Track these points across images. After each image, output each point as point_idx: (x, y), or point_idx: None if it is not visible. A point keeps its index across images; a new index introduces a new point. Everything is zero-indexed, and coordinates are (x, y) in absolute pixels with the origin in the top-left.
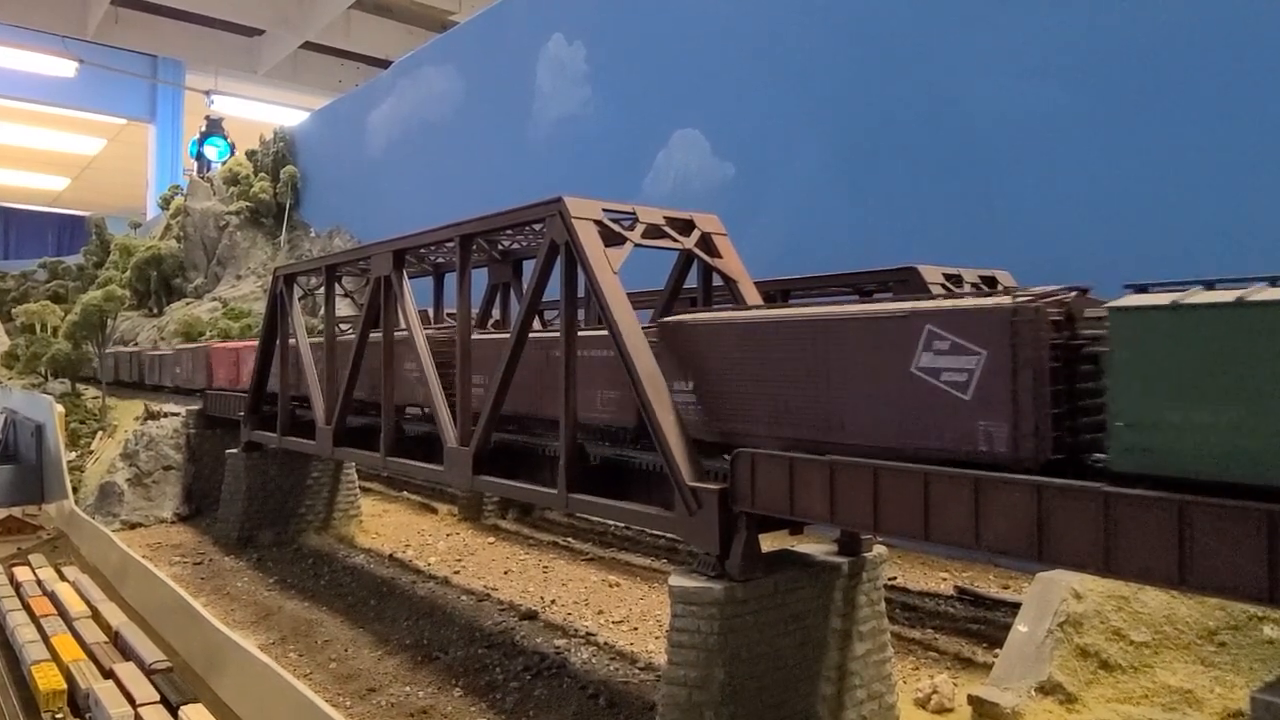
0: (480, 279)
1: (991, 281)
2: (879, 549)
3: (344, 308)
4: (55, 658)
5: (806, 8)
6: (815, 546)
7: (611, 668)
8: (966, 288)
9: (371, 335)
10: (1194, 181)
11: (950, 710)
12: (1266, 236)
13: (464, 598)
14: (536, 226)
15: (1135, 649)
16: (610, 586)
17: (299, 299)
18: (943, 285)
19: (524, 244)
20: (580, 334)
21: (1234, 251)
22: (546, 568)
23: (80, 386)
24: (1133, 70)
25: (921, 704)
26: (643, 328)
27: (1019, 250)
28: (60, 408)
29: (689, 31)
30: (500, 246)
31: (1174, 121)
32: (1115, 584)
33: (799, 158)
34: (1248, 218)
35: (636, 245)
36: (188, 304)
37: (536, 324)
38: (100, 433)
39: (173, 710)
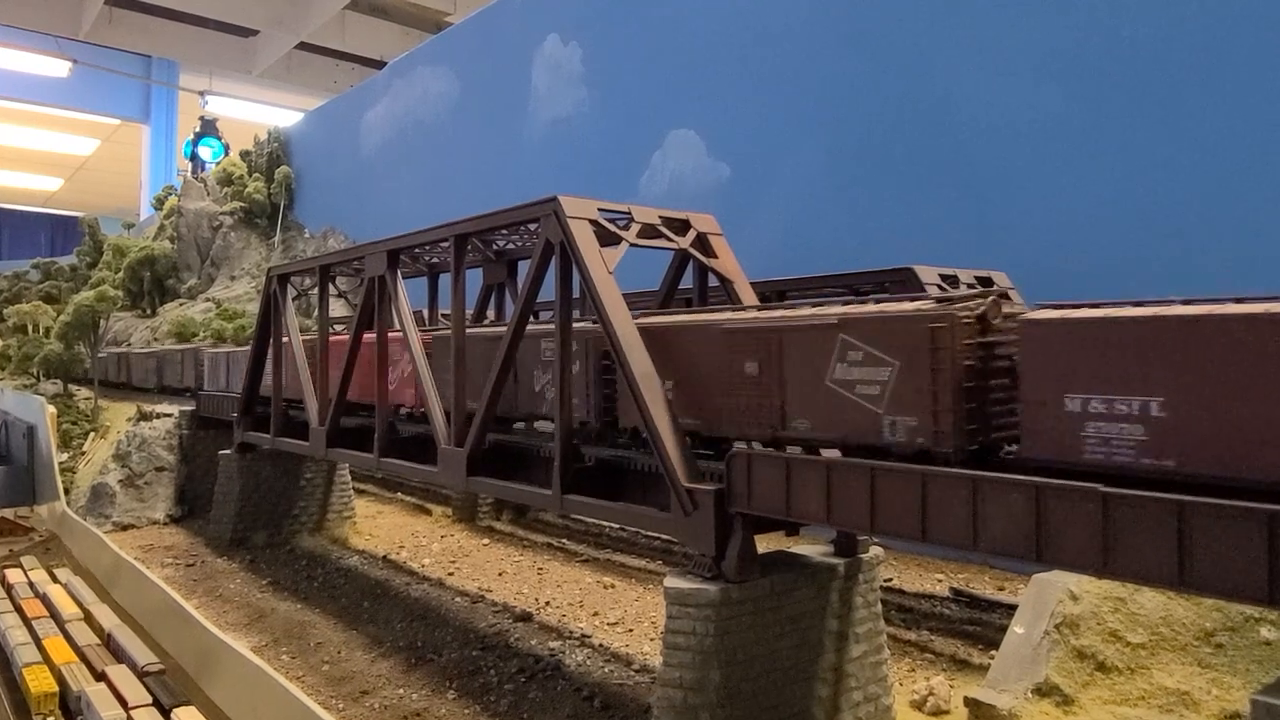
0: (475, 279)
1: (987, 282)
2: (875, 550)
3: (338, 308)
4: (47, 660)
5: (802, 9)
6: (811, 548)
7: (606, 670)
8: (962, 288)
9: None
10: (1188, 183)
11: (946, 712)
12: (1261, 239)
13: (458, 599)
14: (532, 226)
15: (1132, 650)
16: (605, 588)
17: (293, 299)
18: (939, 286)
19: (519, 244)
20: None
21: (1227, 250)
22: (541, 569)
23: (72, 387)
24: (1128, 73)
25: (918, 706)
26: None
27: (1014, 251)
28: (52, 408)
29: (685, 32)
30: (495, 246)
31: (1169, 124)
32: (1112, 585)
33: (795, 159)
34: (1242, 220)
35: (632, 245)
36: (181, 304)
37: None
38: (92, 434)
39: (165, 713)
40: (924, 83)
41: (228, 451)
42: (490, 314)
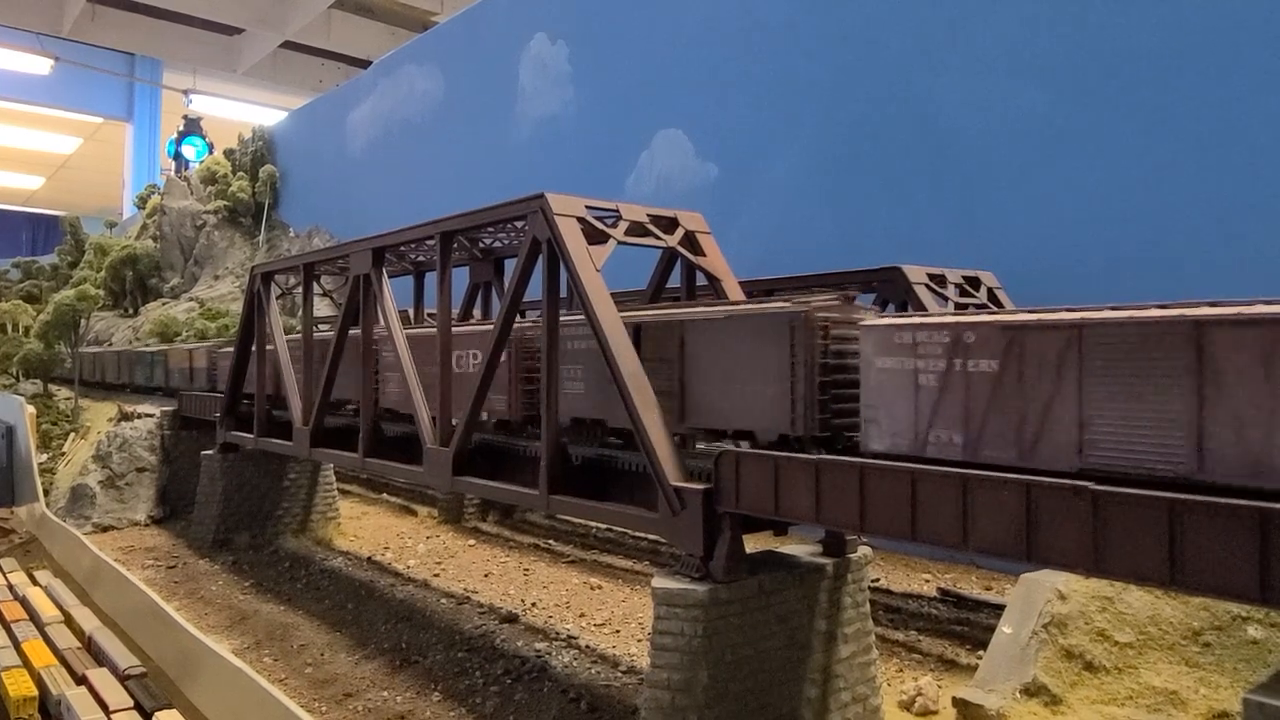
0: (461, 278)
1: (975, 282)
2: (863, 550)
3: (323, 307)
4: (26, 664)
5: (790, 9)
6: (800, 548)
7: (593, 671)
8: (950, 289)
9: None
10: (1176, 181)
11: (935, 712)
12: (1250, 238)
13: (444, 601)
14: (519, 224)
15: (1120, 650)
16: (592, 589)
17: (277, 298)
18: (926, 285)
19: (505, 242)
20: None
21: (1217, 247)
22: (527, 570)
23: (52, 387)
24: (1116, 72)
25: (906, 706)
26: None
27: (1005, 250)
28: (31, 408)
29: (673, 32)
30: (482, 245)
31: (1156, 123)
32: (1099, 584)
33: (782, 159)
34: (1228, 217)
35: (620, 243)
36: (164, 304)
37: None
38: (72, 434)
39: (146, 716)
40: (912, 83)
41: (210, 452)
42: (476, 313)
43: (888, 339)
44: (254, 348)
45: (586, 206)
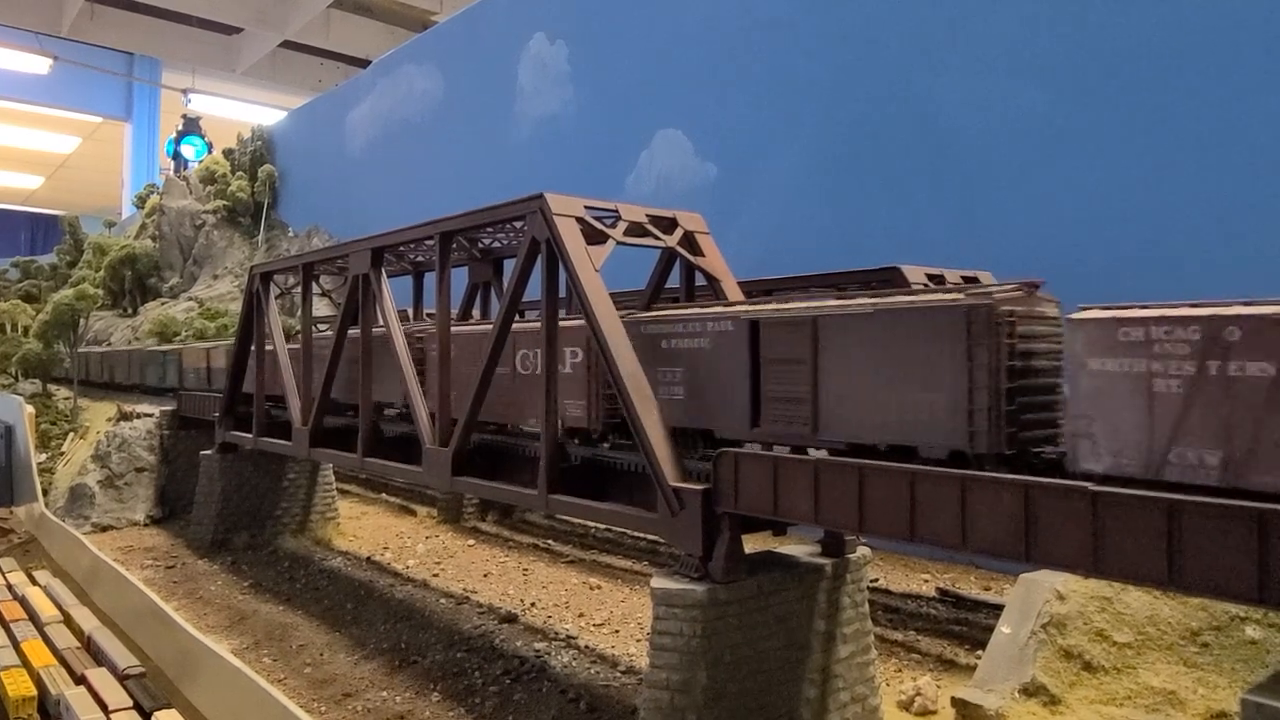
0: (460, 278)
1: (974, 282)
2: (862, 550)
3: (322, 307)
4: (25, 663)
5: (790, 9)
6: (799, 548)
7: (592, 671)
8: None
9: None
10: (1174, 181)
11: (933, 712)
12: (1250, 238)
13: (443, 601)
14: (517, 224)
15: (1118, 650)
16: (591, 589)
17: (276, 298)
18: (925, 285)
19: (504, 242)
20: None
21: (1213, 247)
22: (527, 570)
23: (51, 387)
24: (1115, 72)
25: (905, 706)
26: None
27: (1005, 250)
28: (30, 408)
29: (672, 31)
30: (481, 245)
31: (1155, 123)
32: (1098, 585)
33: (782, 159)
34: (1226, 217)
35: (619, 243)
36: (163, 303)
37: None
38: (71, 434)
39: (145, 716)
40: (912, 83)
41: (209, 452)
42: (476, 313)
43: (1109, 336)
44: (253, 347)
45: (585, 207)
